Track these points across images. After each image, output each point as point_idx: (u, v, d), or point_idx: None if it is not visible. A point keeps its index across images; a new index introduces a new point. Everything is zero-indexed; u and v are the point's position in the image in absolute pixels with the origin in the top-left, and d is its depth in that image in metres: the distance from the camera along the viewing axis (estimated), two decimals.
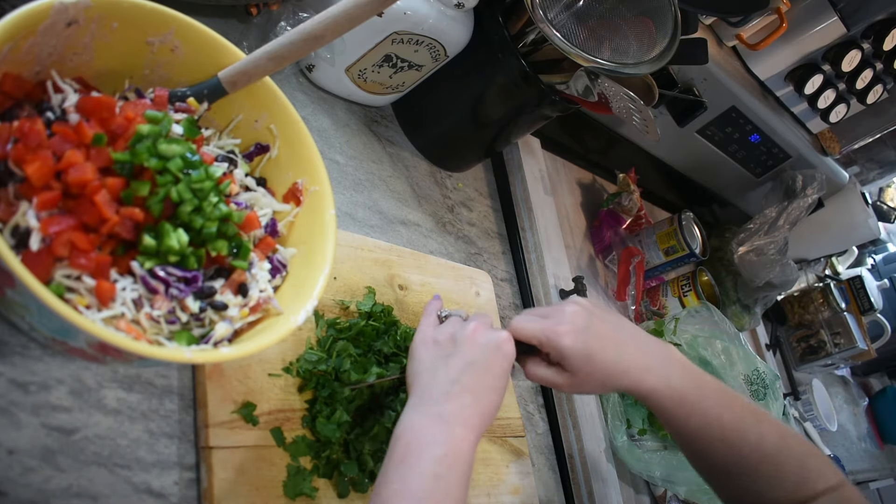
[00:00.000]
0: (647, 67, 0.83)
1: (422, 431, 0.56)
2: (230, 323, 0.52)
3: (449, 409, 0.58)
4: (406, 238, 0.92)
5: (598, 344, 0.66)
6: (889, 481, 2.06)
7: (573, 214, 1.31)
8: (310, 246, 0.59)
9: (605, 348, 0.66)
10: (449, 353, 0.63)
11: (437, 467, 0.53)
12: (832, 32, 1.24)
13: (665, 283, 1.35)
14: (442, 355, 0.63)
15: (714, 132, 1.35)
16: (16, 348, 0.51)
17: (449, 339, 0.64)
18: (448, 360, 0.62)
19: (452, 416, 0.57)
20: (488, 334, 0.64)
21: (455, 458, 0.55)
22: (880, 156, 1.80)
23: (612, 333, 0.68)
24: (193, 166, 0.51)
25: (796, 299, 1.88)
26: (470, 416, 0.58)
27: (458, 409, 0.58)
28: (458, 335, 0.64)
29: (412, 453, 0.54)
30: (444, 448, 0.55)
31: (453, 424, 0.57)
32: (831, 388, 1.96)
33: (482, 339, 0.63)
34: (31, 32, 0.47)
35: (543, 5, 0.80)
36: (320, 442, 0.64)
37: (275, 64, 0.56)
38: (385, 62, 0.86)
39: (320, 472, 0.63)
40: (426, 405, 0.59)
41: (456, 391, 0.59)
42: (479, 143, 1.03)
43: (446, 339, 0.65)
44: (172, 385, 0.59)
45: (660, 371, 0.67)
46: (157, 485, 0.54)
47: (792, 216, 1.46)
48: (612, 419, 1.02)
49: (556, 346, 0.66)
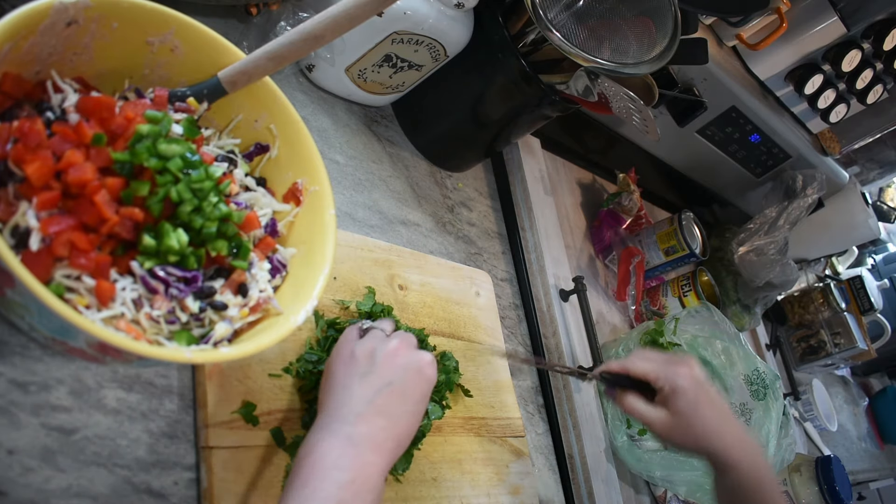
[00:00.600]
0: (647, 67, 0.83)
1: (328, 453, 0.52)
2: (230, 323, 0.52)
3: (360, 431, 0.54)
4: (406, 238, 0.92)
5: (707, 399, 0.73)
6: (889, 481, 2.06)
7: (573, 214, 1.31)
8: (310, 246, 0.59)
9: (712, 406, 0.73)
10: (365, 371, 0.58)
11: (341, 493, 0.50)
12: (832, 32, 1.24)
13: (665, 283, 1.35)
14: (358, 373, 0.58)
15: (714, 132, 1.35)
16: (16, 348, 0.51)
17: (368, 356, 0.60)
18: (364, 378, 0.58)
19: (363, 439, 0.54)
20: (410, 355, 0.60)
21: (362, 484, 0.51)
22: (880, 156, 1.80)
23: (721, 400, 0.76)
24: (193, 166, 0.50)
25: (796, 299, 1.88)
26: (383, 440, 0.55)
27: (370, 432, 0.54)
28: (378, 352, 0.60)
29: (316, 476, 0.51)
30: (350, 473, 0.51)
31: (363, 448, 0.53)
32: (831, 388, 1.96)
33: (402, 360, 0.59)
34: (31, 32, 0.47)
35: (543, 5, 0.80)
36: None
37: (275, 64, 0.56)
38: (385, 62, 0.86)
39: None
40: (336, 424, 0.55)
41: (370, 413, 0.55)
42: (479, 143, 1.03)
43: (365, 356, 0.60)
44: (172, 385, 0.59)
45: (750, 449, 0.73)
46: (157, 485, 0.54)
47: (792, 216, 1.46)
48: (612, 419, 1.02)
49: (672, 382, 0.73)
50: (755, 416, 1.06)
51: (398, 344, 0.61)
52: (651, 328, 1.10)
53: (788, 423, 1.08)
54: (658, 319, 1.12)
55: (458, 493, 0.75)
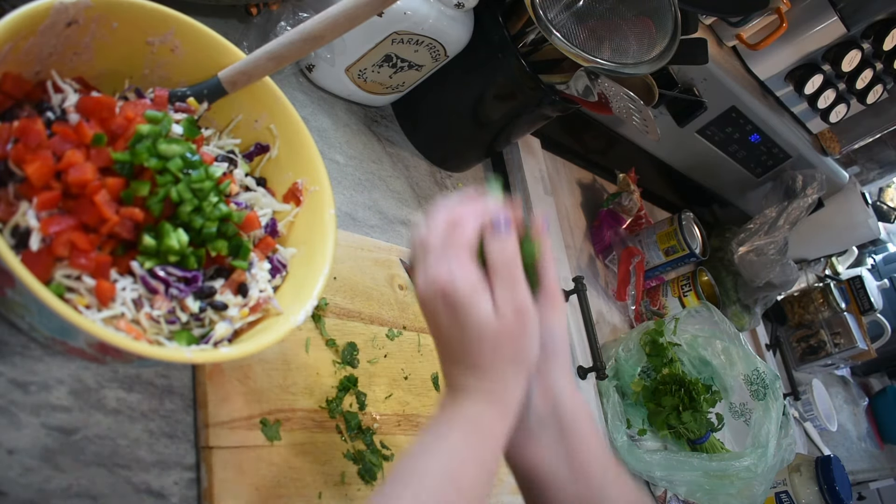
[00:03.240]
0: (647, 67, 0.83)
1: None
2: (230, 323, 0.52)
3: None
4: (406, 238, 0.92)
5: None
6: (889, 481, 2.06)
7: (573, 214, 1.31)
8: (310, 246, 0.59)
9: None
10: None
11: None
12: (832, 32, 1.24)
13: (665, 283, 1.35)
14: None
15: (714, 132, 1.35)
16: (16, 348, 0.51)
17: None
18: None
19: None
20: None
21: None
22: (880, 156, 1.79)
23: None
24: (193, 166, 0.51)
25: (796, 299, 1.88)
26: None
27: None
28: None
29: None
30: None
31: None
32: (831, 388, 1.96)
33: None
34: (31, 32, 0.47)
35: (543, 5, 0.80)
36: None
37: (275, 64, 0.56)
38: (385, 62, 0.86)
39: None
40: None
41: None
42: (479, 143, 1.03)
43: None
44: (172, 385, 0.59)
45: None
46: (157, 485, 0.54)
47: (792, 216, 1.46)
48: (611, 419, 1.02)
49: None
50: (755, 416, 1.06)
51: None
52: (651, 328, 1.10)
53: (788, 423, 1.08)
54: (658, 319, 1.12)
55: None
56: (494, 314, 0.49)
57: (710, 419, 1.09)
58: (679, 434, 1.07)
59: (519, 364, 0.51)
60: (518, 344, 0.50)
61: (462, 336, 0.49)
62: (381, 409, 0.72)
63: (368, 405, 0.71)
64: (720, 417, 1.10)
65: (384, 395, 0.74)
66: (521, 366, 0.51)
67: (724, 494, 0.97)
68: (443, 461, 0.47)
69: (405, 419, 0.74)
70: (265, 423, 0.61)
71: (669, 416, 1.05)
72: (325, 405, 0.67)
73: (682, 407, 1.05)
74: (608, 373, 1.04)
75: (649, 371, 1.09)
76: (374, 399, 0.72)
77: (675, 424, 1.05)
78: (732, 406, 1.13)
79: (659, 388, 1.07)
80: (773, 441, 1.01)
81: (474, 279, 0.49)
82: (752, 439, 1.02)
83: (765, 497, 1.01)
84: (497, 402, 0.50)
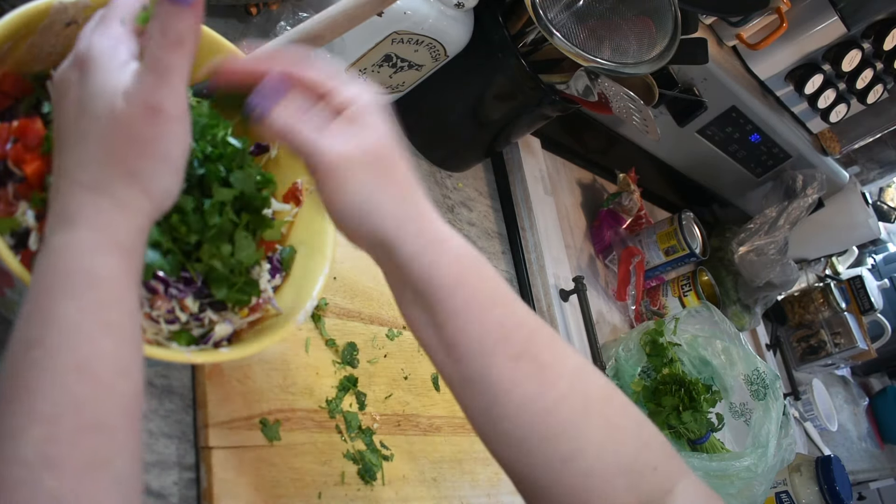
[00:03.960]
0: (647, 67, 0.83)
1: None
2: (230, 323, 0.52)
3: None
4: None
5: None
6: (889, 481, 2.06)
7: (573, 214, 1.31)
8: (310, 246, 0.59)
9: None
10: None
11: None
12: (832, 32, 1.24)
13: (665, 283, 1.35)
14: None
15: (714, 132, 1.35)
16: None
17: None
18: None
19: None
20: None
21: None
22: (880, 156, 1.79)
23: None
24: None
25: (796, 299, 1.88)
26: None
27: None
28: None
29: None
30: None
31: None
32: (831, 388, 1.96)
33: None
34: (30, 32, 0.47)
35: (543, 5, 0.80)
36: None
37: None
38: (385, 62, 0.86)
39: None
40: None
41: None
42: (479, 143, 1.03)
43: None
44: (172, 385, 0.59)
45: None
46: (156, 485, 0.54)
47: (792, 216, 1.46)
48: None
49: (362, 101, 0.51)
50: (755, 416, 1.06)
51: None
52: (651, 328, 1.10)
53: (788, 422, 1.08)
54: (658, 319, 1.12)
55: (458, 493, 0.75)
56: (123, 98, 0.37)
57: (711, 419, 1.09)
58: (679, 434, 1.07)
59: (132, 179, 0.38)
60: (134, 149, 0.38)
61: (77, 112, 0.38)
62: (380, 409, 0.72)
63: (368, 405, 0.71)
64: (720, 417, 1.10)
65: (384, 395, 0.74)
66: (135, 185, 0.38)
67: (725, 494, 0.97)
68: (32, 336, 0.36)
69: (405, 419, 0.74)
70: (265, 424, 0.61)
71: (669, 416, 1.05)
72: (324, 405, 0.67)
73: (682, 407, 1.05)
74: (608, 373, 1.04)
75: (649, 371, 1.09)
76: (373, 399, 0.72)
77: (676, 424, 1.05)
78: (732, 406, 1.13)
79: (659, 388, 1.07)
80: (774, 441, 1.01)
81: (116, 44, 0.39)
82: (753, 439, 1.02)
83: (765, 497, 1.01)
84: (92, 219, 0.38)
